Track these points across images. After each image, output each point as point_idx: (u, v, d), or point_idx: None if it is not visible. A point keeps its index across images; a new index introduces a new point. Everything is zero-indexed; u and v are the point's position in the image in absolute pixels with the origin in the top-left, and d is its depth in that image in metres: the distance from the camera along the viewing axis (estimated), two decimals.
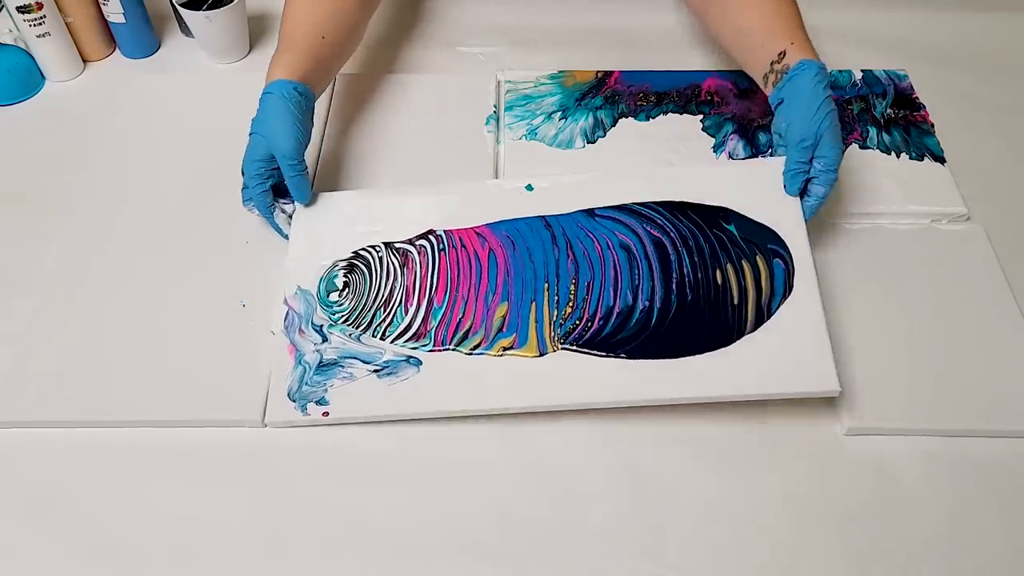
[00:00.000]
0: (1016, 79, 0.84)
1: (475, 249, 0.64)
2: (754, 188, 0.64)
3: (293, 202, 0.68)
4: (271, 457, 0.60)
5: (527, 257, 0.63)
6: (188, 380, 0.62)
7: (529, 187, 0.66)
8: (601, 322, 0.60)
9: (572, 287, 0.61)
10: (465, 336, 0.61)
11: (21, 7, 0.80)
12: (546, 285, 0.62)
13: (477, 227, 0.65)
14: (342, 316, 0.63)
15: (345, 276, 0.65)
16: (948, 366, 0.62)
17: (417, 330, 0.62)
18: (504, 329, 0.61)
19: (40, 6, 0.80)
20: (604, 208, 0.65)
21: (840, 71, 0.82)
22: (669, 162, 0.75)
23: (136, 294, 0.68)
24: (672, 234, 0.63)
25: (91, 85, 0.87)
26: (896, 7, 0.91)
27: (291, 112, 0.64)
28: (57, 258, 0.70)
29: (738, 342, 0.59)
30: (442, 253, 0.64)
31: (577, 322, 0.60)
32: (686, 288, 0.61)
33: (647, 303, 0.60)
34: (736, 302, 0.60)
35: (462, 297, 0.62)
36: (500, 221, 0.65)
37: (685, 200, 0.64)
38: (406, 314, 0.62)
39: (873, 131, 0.77)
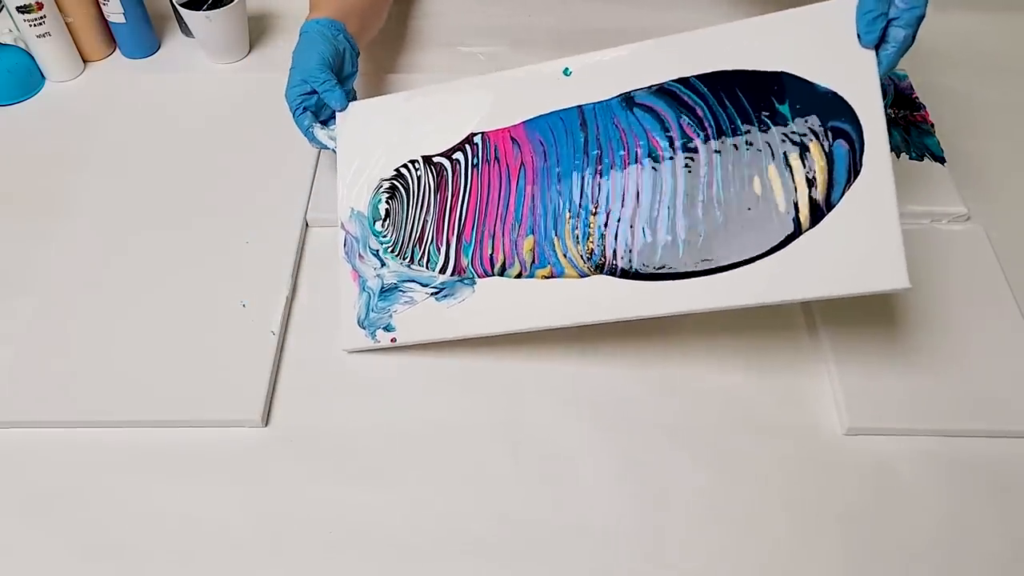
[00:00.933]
0: (1016, 79, 0.84)
1: (507, 163, 0.63)
2: (819, 39, 0.55)
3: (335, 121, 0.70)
4: (271, 457, 0.60)
5: (555, 175, 0.61)
6: (188, 380, 0.62)
7: (567, 71, 0.63)
8: (625, 259, 0.58)
9: (591, 219, 0.59)
10: (503, 268, 0.61)
11: (21, 7, 0.80)
12: (567, 215, 0.60)
13: (513, 127, 0.64)
14: (388, 247, 0.65)
15: (387, 203, 0.66)
16: (948, 366, 0.62)
17: (455, 266, 0.63)
18: (536, 261, 0.60)
19: (40, 6, 0.80)
20: (643, 93, 0.59)
21: None
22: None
23: (136, 294, 0.68)
24: (709, 130, 0.57)
25: (91, 85, 0.88)
26: None
27: (313, 41, 0.69)
28: (57, 258, 0.70)
29: (792, 244, 0.53)
30: (474, 170, 0.64)
31: (602, 258, 0.58)
32: (715, 211, 0.56)
33: (669, 237, 0.57)
34: (783, 209, 0.54)
35: (488, 233, 0.62)
36: (537, 117, 0.63)
37: (737, 68, 0.57)
38: (439, 253, 0.63)
39: None
